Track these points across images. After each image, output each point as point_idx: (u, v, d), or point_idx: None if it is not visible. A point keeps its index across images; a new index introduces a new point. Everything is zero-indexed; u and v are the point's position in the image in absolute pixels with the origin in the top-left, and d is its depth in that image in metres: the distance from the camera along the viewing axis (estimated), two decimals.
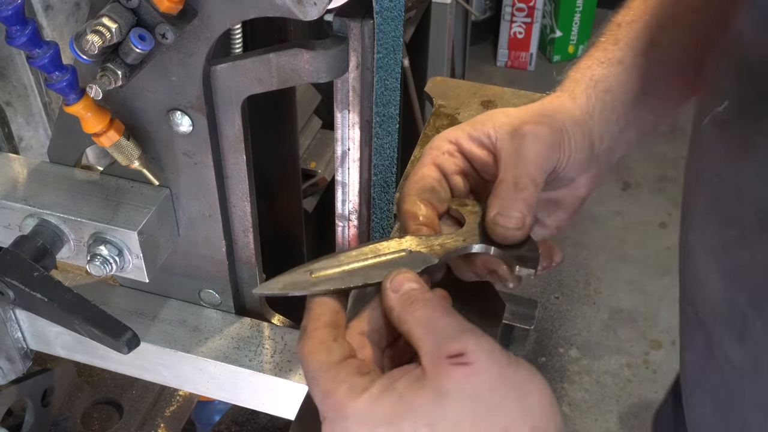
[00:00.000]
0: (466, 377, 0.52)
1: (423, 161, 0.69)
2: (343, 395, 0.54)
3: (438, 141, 0.70)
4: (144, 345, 0.81)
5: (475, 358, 0.53)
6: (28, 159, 0.79)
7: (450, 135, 0.70)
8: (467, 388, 0.52)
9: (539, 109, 0.71)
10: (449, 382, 0.52)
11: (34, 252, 0.71)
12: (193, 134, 0.70)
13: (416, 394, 0.53)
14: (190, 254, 0.80)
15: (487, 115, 0.71)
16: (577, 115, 0.71)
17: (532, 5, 3.62)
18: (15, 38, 0.57)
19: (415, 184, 0.68)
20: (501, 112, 0.71)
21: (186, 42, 0.64)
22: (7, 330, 0.85)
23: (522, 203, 0.65)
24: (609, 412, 2.41)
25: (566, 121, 0.70)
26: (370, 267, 0.61)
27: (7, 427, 1.03)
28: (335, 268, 0.61)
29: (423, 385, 0.53)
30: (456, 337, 0.54)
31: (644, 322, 2.67)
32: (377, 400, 0.53)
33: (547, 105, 0.73)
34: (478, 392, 0.52)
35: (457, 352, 0.53)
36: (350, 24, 0.67)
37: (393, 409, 0.53)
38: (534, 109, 0.72)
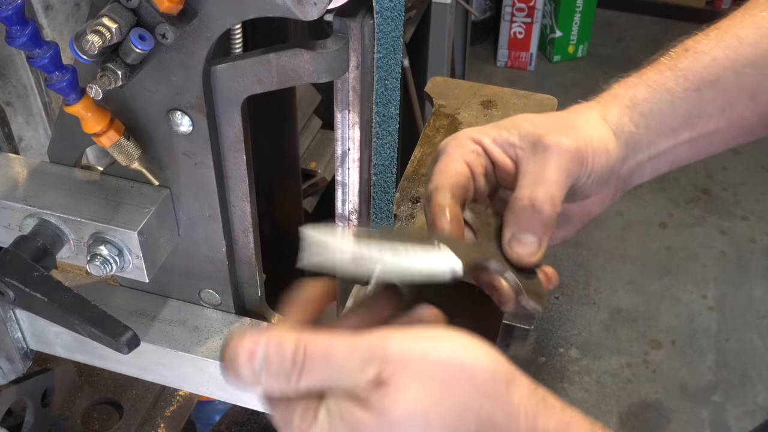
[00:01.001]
0: (401, 388, 0.50)
1: (452, 156, 0.67)
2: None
3: (463, 139, 0.68)
4: (144, 345, 0.81)
5: (390, 373, 0.50)
6: (28, 159, 0.79)
7: (474, 135, 0.68)
8: (416, 394, 0.50)
9: (566, 120, 0.68)
10: (401, 394, 0.50)
11: (34, 252, 0.71)
12: (193, 134, 0.70)
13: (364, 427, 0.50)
14: (190, 254, 0.80)
15: (512, 121, 0.68)
16: (604, 133, 0.68)
17: (532, 5, 3.62)
18: (15, 38, 0.57)
19: (449, 178, 0.65)
20: (526, 120, 0.68)
21: (186, 42, 0.64)
22: (7, 330, 0.85)
23: (539, 225, 0.63)
24: (609, 412, 2.41)
25: (593, 137, 0.67)
26: (402, 254, 0.59)
27: (7, 427, 1.03)
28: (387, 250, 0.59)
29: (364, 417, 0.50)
30: (361, 368, 0.50)
31: (644, 322, 2.67)
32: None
33: (575, 116, 0.69)
34: (421, 394, 0.50)
35: (374, 380, 0.50)
36: (350, 24, 0.67)
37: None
38: (561, 119, 0.68)
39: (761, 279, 2.82)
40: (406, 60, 2.04)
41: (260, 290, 0.85)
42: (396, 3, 0.70)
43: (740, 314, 2.71)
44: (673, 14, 4.09)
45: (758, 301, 2.75)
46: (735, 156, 3.29)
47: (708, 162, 3.27)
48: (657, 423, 2.40)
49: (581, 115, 0.69)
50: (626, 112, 0.69)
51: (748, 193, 3.15)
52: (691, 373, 2.52)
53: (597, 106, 0.70)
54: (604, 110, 0.69)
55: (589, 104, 0.71)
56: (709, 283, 2.81)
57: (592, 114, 0.69)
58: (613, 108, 0.69)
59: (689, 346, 2.61)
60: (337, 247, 0.59)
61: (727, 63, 0.70)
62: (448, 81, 1.14)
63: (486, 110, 1.08)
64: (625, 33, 4.08)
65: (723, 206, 3.10)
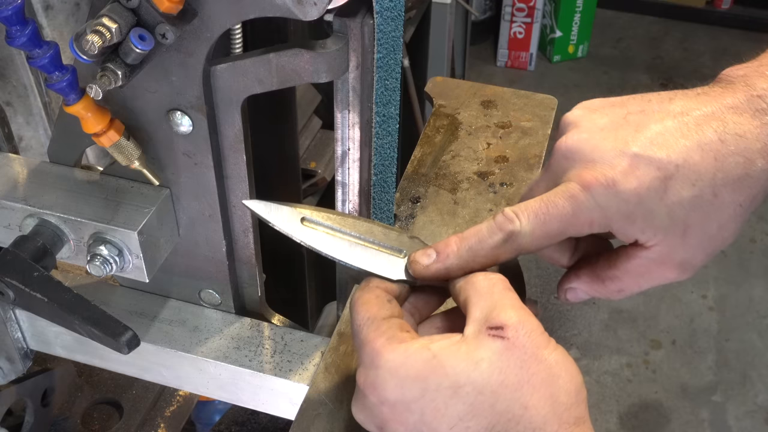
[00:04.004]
0: (500, 350, 0.55)
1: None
2: (380, 345, 0.57)
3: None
4: (144, 345, 0.81)
5: (513, 334, 0.55)
6: (28, 159, 0.79)
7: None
8: (499, 360, 0.55)
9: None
10: (483, 351, 0.55)
11: (34, 252, 0.71)
12: (193, 134, 0.70)
13: (450, 356, 0.55)
14: (190, 254, 0.80)
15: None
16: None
17: (532, 5, 3.62)
18: (15, 38, 0.57)
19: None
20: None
21: (186, 42, 0.64)
22: (7, 330, 0.85)
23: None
24: (609, 412, 2.41)
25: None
26: (362, 248, 0.64)
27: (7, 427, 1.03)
28: (327, 228, 0.64)
29: (459, 348, 0.56)
30: (502, 311, 0.56)
31: (644, 322, 2.67)
32: (411, 355, 0.56)
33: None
34: (508, 366, 0.54)
35: (498, 325, 0.56)
36: (350, 24, 0.67)
37: (424, 366, 0.55)
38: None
39: (761, 279, 2.82)
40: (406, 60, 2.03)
41: (260, 290, 0.85)
42: (396, 3, 0.70)
43: (740, 314, 2.71)
44: (673, 14, 4.09)
45: (758, 301, 2.75)
46: None
47: None
48: (657, 423, 2.40)
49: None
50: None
51: None
52: (691, 373, 2.52)
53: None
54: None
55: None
56: (709, 283, 2.81)
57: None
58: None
59: (689, 346, 2.61)
60: (284, 222, 0.64)
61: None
62: (448, 81, 1.14)
63: (486, 110, 1.08)
64: (625, 33, 4.08)
65: None
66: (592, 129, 0.60)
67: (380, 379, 0.56)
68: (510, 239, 0.59)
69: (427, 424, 0.55)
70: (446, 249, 0.62)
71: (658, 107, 0.59)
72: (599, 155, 0.58)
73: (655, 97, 0.60)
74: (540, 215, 0.58)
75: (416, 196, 0.96)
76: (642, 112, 0.59)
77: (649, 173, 0.56)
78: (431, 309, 0.65)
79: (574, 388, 0.55)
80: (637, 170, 0.56)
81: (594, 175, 0.57)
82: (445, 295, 0.65)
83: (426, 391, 0.55)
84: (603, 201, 0.57)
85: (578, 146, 0.59)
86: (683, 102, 0.59)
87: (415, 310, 0.64)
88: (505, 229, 0.59)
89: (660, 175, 0.56)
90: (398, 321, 0.60)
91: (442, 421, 0.55)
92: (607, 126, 0.59)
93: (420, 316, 0.64)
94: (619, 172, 0.56)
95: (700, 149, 0.56)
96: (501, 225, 0.59)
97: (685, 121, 0.57)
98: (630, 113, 0.60)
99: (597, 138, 0.59)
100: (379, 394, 0.57)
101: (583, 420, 0.55)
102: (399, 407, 0.56)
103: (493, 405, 0.54)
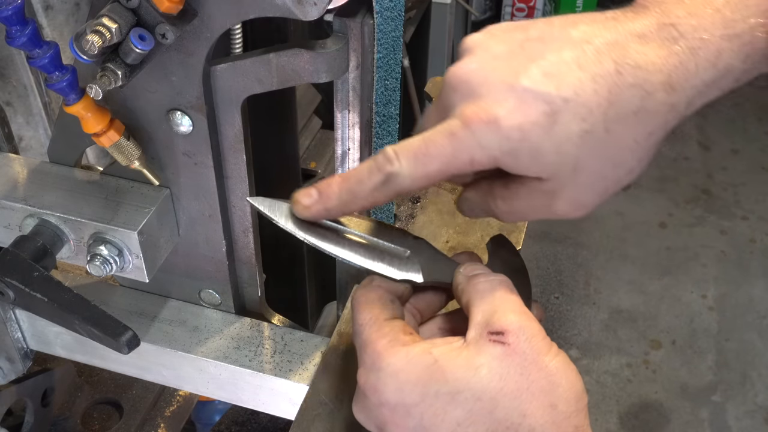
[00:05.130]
0: (500, 356, 0.54)
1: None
2: (382, 347, 0.57)
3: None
4: (144, 345, 0.81)
5: (514, 340, 0.55)
6: (28, 159, 0.79)
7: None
8: (499, 366, 0.54)
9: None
10: (483, 357, 0.54)
11: (34, 252, 0.71)
12: (193, 134, 0.70)
13: (450, 361, 0.55)
14: (190, 254, 0.80)
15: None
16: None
17: (532, 5, 3.62)
18: (15, 38, 0.57)
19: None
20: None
21: (186, 42, 0.64)
22: (7, 330, 0.85)
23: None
24: (609, 412, 2.41)
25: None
26: (364, 247, 0.64)
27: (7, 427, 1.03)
28: (330, 226, 0.64)
29: (459, 354, 0.55)
30: (503, 315, 0.56)
31: (644, 322, 2.67)
32: (412, 359, 0.56)
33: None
34: (508, 373, 0.54)
35: (498, 330, 0.55)
36: (350, 24, 0.67)
37: (424, 371, 0.55)
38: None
39: (761, 279, 2.82)
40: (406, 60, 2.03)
41: (260, 290, 0.85)
42: (396, 3, 0.70)
43: (740, 314, 2.71)
44: None
45: (758, 301, 2.75)
46: (735, 156, 3.30)
47: (708, 162, 3.27)
48: (657, 423, 2.40)
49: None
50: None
51: (748, 193, 3.15)
52: (691, 373, 2.52)
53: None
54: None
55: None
56: (709, 283, 2.81)
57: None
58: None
59: (689, 346, 2.61)
60: (287, 219, 0.64)
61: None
62: None
63: None
64: None
65: (723, 206, 3.10)
66: (485, 58, 0.56)
67: (381, 382, 0.56)
68: (389, 180, 0.57)
69: (426, 429, 0.55)
70: (327, 189, 0.60)
71: (559, 33, 0.55)
72: (486, 89, 0.54)
73: (558, 21, 0.56)
74: (419, 155, 0.56)
75: (416, 196, 0.96)
76: (540, 39, 0.56)
77: (535, 108, 0.53)
78: (433, 310, 0.65)
79: (574, 396, 0.55)
80: (523, 105, 0.53)
81: (476, 110, 0.54)
82: (447, 297, 0.65)
83: (426, 396, 0.55)
84: (484, 139, 0.54)
85: (466, 77, 0.56)
86: (587, 28, 0.55)
87: (416, 311, 0.64)
88: (384, 170, 0.57)
89: (547, 110, 0.52)
90: (400, 323, 0.59)
91: (441, 427, 0.55)
92: (501, 54, 0.56)
93: (422, 317, 0.64)
94: (503, 107, 0.53)
95: (593, 81, 0.52)
96: (380, 165, 0.57)
97: (585, 50, 0.54)
98: (528, 39, 0.56)
99: (487, 68, 0.55)
100: (379, 397, 0.56)
101: (582, 429, 0.55)
102: (399, 410, 0.56)
103: (492, 412, 0.54)
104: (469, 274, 0.61)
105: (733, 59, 0.53)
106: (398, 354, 0.56)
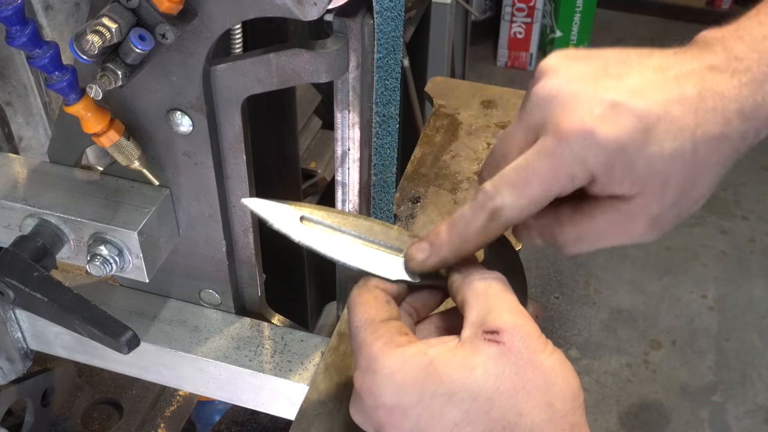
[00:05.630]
0: (495, 355, 0.54)
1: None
2: (378, 349, 0.57)
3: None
4: (144, 345, 0.81)
5: (509, 339, 0.55)
6: (28, 159, 0.79)
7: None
8: (494, 366, 0.54)
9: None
10: (478, 357, 0.54)
11: (34, 252, 0.71)
12: (193, 134, 0.70)
13: (445, 362, 0.55)
14: (190, 254, 0.80)
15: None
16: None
17: (532, 5, 3.62)
18: (15, 38, 0.57)
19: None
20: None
21: (186, 42, 0.64)
22: (7, 330, 0.85)
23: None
24: (609, 412, 2.41)
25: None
26: (361, 247, 0.64)
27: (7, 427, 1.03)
28: (326, 227, 0.64)
29: (455, 354, 0.55)
30: (497, 314, 0.56)
31: (644, 322, 2.67)
32: (408, 360, 0.56)
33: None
34: (503, 373, 0.54)
35: (493, 329, 0.55)
36: (350, 24, 0.67)
37: (420, 372, 0.55)
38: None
39: (761, 279, 2.82)
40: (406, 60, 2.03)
41: (260, 290, 0.85)
42: (396, 3, 0.70)
43: (740, 314, 2.71)
44: (673, 14, 4.08)
45: (758, 301, 2.75)
46: None
47: None
48: (657, 423, 2.40)
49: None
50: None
51: (748, 193, 3.15)
52: (691, 373, 2.52)
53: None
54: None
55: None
56: (709, 283, 2.81)
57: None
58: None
59: (689, 346, 2.61)
60: (282, 221, 0.63)
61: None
62: (448, 81, 1.14)
63: (486, 110, 1.08)
64: (625, 33, 4.07)
65: (723, 206, 3.10)
66: (571, 76, 0.57)
67: (377, 384, 0.56)
68: (495, 217, 0.57)
69: (423, 430, 0.55)
70: (437, 240, 0.60)
71: (638, 60, 0.57)
72: (577, 102, 0.54)
73: (634, 52, 0.58)
74: (519, 184, 0.55)
75: (416, 196, 0.96)
76: (622, 63, 0.57)
77: (629, 122, 0.53)
78: (429, 309, 0.65)
79: (571, 395, 0.55)
80: (617, 118, 0.53)
81: (571, 123, 0.54)
82: (443, 296, 0.65)
83: (422, 398, 0.55)
84: (581, 151, 0.53)
85: (556, 93, 0.56)
86: (662, 59, 0.57)
87: (412, 310, 0.64)
88: (488, 207, 0.57)
89: (641, 126, 0.53)
90: (396, 324, 0.59)
91: (438, 428, 0.55)
92: (586, 74, 0.56)
93: (418, 316, 0.64)
94: (598, 119, 0.53)
95: (680, 103, 0.54)
96: (483, 204, 0.57)
97: (666, 76, 0.55)
98: (609, 64, 0.57)
99: (576, 85, 0.56)
100: (375, 399, 0.56)
101: (579, 426, 0.55)
102: (396, 412, 0.56)
103: (488, 412, 0.54)
104: (464, 272, 0.61)
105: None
106: (394, 356, 0.56)
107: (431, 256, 0.61)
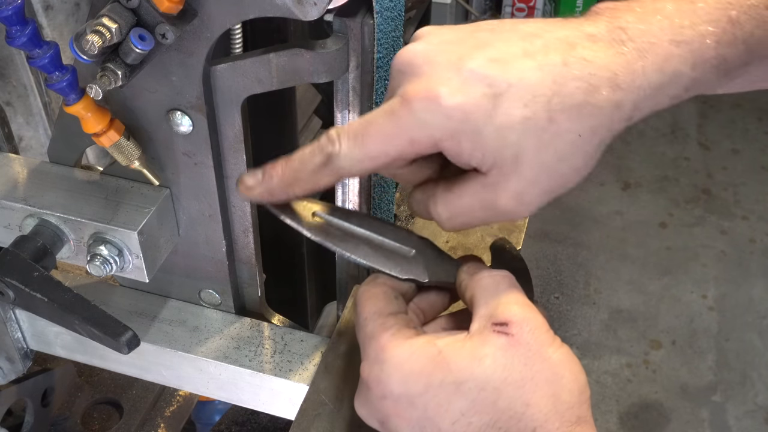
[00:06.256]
0: (504, 346, 0.55)
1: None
2: (386, 340, 0.57)
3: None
4: (144, 345, 0.81)
5: (518, 330, 0.55)
6: (28, 159, 0.79)
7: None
8: (503, 357, 0.54)
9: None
10: (487, 347, 0.55)
11: (34, 252, 0.71)
12: (193, 134, 0.70)
13: (454, 352, 0.55)
14: (190, 254, 0.80)
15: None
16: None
17: (532, 5, 3.62)
18: (15, 38, 0.57)
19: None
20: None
21: (186, 42, 0.64)
22: (7, 330, 0.85)
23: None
24: (609, 412, 2.41)
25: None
26: (370, 246, 0.64)
27: (7, 427, 1.03)
28: (337, 223, 0.64)
29: (464, 345, 0.56)
30: (506, 307, 0.56)
31: (644, 322, 2.67)
32: (416, 350, 0.56)
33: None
34: (512, 363, 0.54)
35: (502, 321, 0.55)
36: (350, 24, 0.67)
37: (428, 362, 0.55)
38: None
39: (761, 279, 2.82)
40: None
41: (260, 290, 0.85)
42: (396, 3, 0.70)
43: (740, 314, 2.71)
44: None
45: (758, 301, 2.75)
46: (735, 156, 3.30)
47: (708, 162, 3.27)
48: (657, 423, 2.40)
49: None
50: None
51: (748, 193, 3.15)
52: (691, 373, 2.52)
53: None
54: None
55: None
56: (709, 283, 2.81)
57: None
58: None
59: (689, 346, 2.61)
60: (295, 216, 0.64)
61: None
62: None
63: None
64: None
65: (723, 206, 3.10)
66: (433, 42, 0.56)
67: (385, 373, 0.56)
68: (329, 161, 0.56)
69: (430, 420, 0.55)
70: (271, 170, 0.60)
71: (510, 27, 0.56)
72: (430, 69, 0.53)
73: (511, 21, 0.57)
74: (359, 136, 0.55)
75: None
76: (491, 30, 0.56)
77: (478, 89, 0.52)
78: (436, 312, 0.65)
79: (578, 388, 0.55)
80: (465, 86, 0.52)
81: (417, 88, 0.52)
82: (451, 299, 0.65)
83: (429, 387, 0.55)
84: (424, 116, 0.52)
85: (411, 59, 0.55)
86: (537, 26, 0.55)
87: (419, 311, 0.64)
88: (325, 150, 0.56)
89: (489, 92, 0.51)
90: (404, 317, 0.60)
91: (445, 417, 0.55)
92: (449, 40, 0.55)
93: (425, 317, 0.64)
94: (445, 85, 0.52)
95: (539, 70, 0.52)
96: (322, 147, 0.57)
97: (533, 42, 0.53)
98: (479, 30, 0.56)
99: (434, 51, 0.55)
100: (383, 389, 0.57)
101: (585, 419, 0.55)
102: (402, 402, 0.56)
103: (495, 402, 0.54)
104: (472, 271, 0.61)
105: (681, 65, 0.54)
106: (402, 346, 0.56)
107: (261, 184, 0.60)
